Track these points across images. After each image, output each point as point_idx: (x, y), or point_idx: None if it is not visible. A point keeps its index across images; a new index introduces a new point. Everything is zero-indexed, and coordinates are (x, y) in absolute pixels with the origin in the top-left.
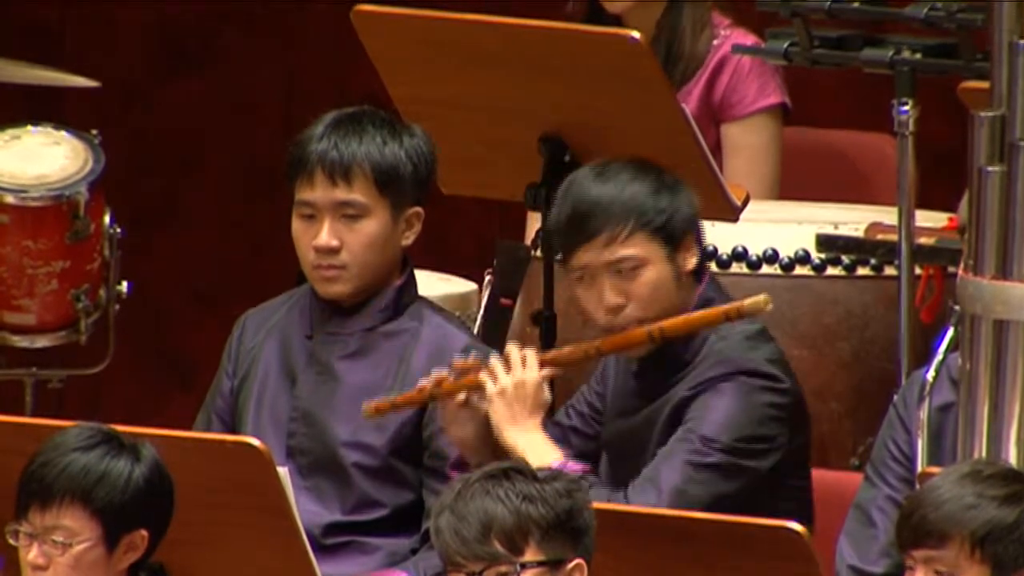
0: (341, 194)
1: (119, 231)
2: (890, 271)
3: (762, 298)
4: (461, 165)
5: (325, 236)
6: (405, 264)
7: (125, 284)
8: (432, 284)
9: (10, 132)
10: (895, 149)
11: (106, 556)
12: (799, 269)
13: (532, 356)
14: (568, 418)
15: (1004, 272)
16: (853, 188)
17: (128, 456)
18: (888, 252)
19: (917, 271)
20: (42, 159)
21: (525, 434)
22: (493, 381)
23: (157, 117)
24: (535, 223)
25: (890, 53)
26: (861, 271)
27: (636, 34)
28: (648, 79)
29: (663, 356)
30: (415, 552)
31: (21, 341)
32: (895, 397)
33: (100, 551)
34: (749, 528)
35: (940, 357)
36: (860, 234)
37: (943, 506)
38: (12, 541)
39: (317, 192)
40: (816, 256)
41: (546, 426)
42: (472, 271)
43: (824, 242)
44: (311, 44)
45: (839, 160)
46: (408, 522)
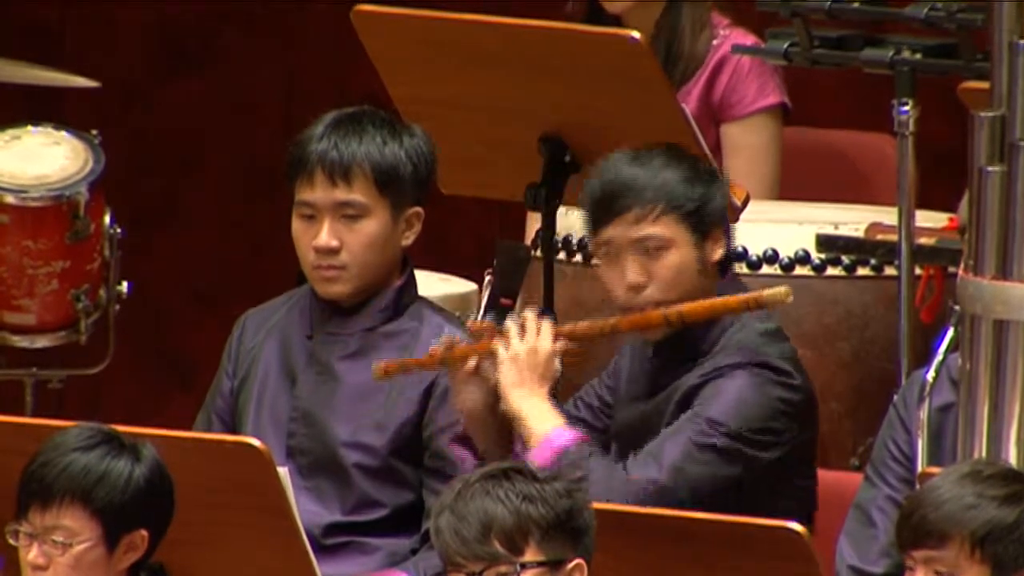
0: (341, 194)
1: (119, 231)
2: (890, 271)
3: (783, 290)
4: (461, 165)
5: (325, 236)
6: (405, 264)
7: (125, 284)
8: (432, 284)
9: (10, 132)
10: (895, 149)
11: (106, 556)
12: (799, 269)
13: (548, 326)
14: (576, 409)
15: (1004, 272)
16: (853, 188)
17: (128, 456)
18: (888, 252)
19: (917, 271)
20: (42, 159)
21: (530, 399)
22: (506, 346)
23: (157, 117)
24: (535, 223)
25: (890, 53)
26: (861, 271)
27: (636, 34)
28: (648, 79)
29: (680, 345)
30: (415, 552)
31: (21, 341)
32: (895, 397)
33: (100, 551)
34: (749, 528)
35: (940, 357)
36: (860, 234)
37: (943, 506)
38: (12, 541)
39: (317, 192)
40: (816, 256)
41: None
42: (472, 271)
43: (824, 242)
44: (311, 44)
45: (839, 160)
46: (408, 522)
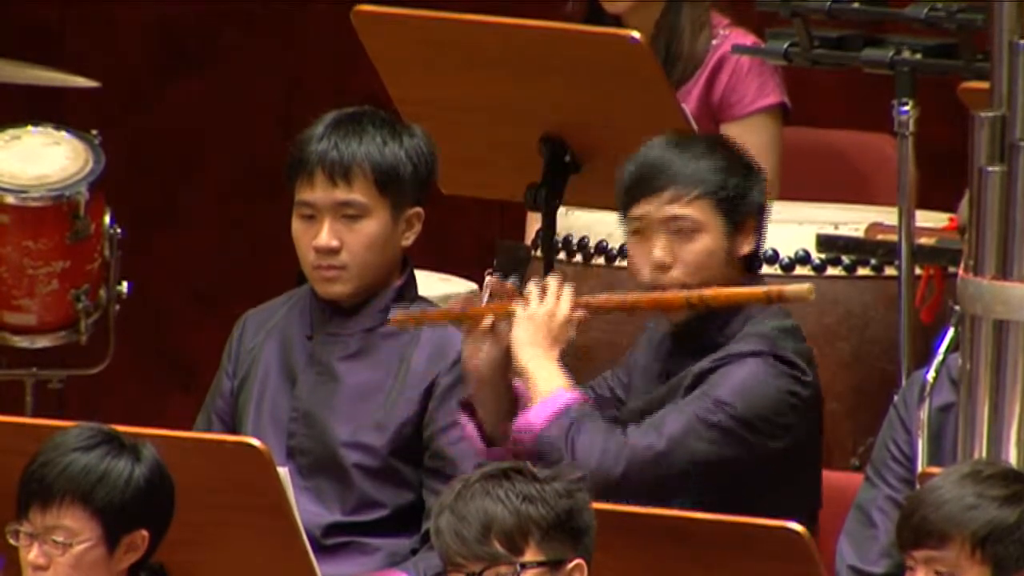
0: (341, 194)
1: (119, 231)
2: (890, 271)
3: (807, 287)
4: (461, 165)
5: (325, 236)
6: (405, 264)
7: (125, 284)
8: (432, 284)
9: (10, 132)
10: (895, 149)
11: (106, 556)
12: (799, 269)
13: (568, 292)
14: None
15: (1004, 272)
16: (853, 188)
17: (128, 456)
18: (888, 252)
19: (917, 271)
20: (42, 159)
21: (539, 358)
22: (524, 306)
23: (157, 117)
24: (535, 223)
25: (890, 53)
26: (861, 271)
27: (636, 34)
28: (648, 79)
29: (697, 335)
30: (415, 552)
31: (21, 341)
32: (895, 397)
33: (100, 551)
34: (749, 528)
35: (940, 357)
36: (860, 234)
37: (944, 506)
38: (12, 541)
39: (317, 192)
40: (816, 256)
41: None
42: (472, 271)
43: (824, 242)
44: (311, 44)
45: (839, 160)
46: (408, 522)
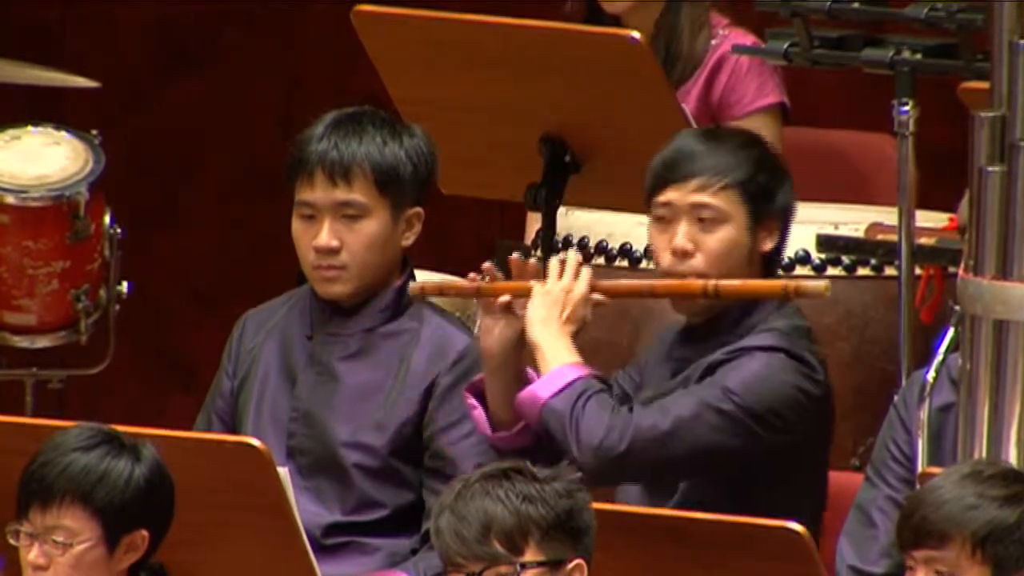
0: (341, 194)
1: (119, 231)
2: (890, 271)
3: (823, 283)
4: (461, 165)
5: (325, 236)
6: (405, 264)
7: (125, 284)
8: None
9: (10, 132)
10: (895, 149)
11: (106, 556)
12: (799, 269)
13: (588, 273)
14: None
15: (1004, 272)
16: (853, 188)
17: (128, 456)
18: (888, 252)
19: (917, 271)
20: (42, 159)
21: (551, 335)
22: (543, 283)
23: (157, 117)
24: (535, 223)
25: (890, 53)
26: (861, 271)
27: (636, 34)
28: (648, 79)
29: (713, 330)
30: (415, 552)
31: (21, 341)
32: (895, 397)
33: (100, 551)
34: (749, 528)
35: (940, 357)
36: (860, 234)
37: (944, 506)
38: (13, 541)
39: (317, 192)
40: (816, 256)
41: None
42: (472, 271)
43: (824, 242)
44: (311, 44)
45: (839, 160)
46: (408, 522)
